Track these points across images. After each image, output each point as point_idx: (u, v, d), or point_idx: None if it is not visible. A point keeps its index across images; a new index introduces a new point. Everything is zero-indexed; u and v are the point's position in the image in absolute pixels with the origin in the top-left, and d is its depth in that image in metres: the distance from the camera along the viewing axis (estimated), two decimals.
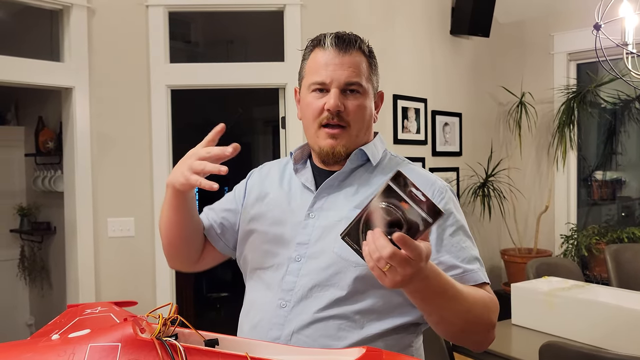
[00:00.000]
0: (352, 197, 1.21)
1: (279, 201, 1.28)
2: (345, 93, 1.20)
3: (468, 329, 1.10)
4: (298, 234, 1.20)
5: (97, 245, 3.02)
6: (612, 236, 3.98)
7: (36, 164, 4.23)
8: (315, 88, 1.21)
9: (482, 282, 1.15)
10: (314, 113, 1.21)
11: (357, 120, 1.21)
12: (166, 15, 3.16)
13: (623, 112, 4.31)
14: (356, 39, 1.23)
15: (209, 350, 0.75)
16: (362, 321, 1.13)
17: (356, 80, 1.20)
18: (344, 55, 1.20)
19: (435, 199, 1.18)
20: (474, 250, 1.20)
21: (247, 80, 3.27)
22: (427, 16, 4.05)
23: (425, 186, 1.20)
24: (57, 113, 3.58)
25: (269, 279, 1.22)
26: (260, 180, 1.39)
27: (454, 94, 4.31)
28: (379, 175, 1.24)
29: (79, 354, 0.73)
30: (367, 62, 1.24)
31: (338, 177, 1.24)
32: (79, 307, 1.05)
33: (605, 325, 2.22)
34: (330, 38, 1.21)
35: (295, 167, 1.31)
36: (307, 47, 1.27)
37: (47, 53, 3.39)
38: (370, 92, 1.24)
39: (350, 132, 1.21)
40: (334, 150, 1.21)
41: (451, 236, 1.17)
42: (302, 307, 1.14)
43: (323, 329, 1.12)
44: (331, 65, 1.19)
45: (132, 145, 3.10)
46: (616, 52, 2.63)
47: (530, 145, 4.53)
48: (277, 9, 3.28)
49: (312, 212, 1.22)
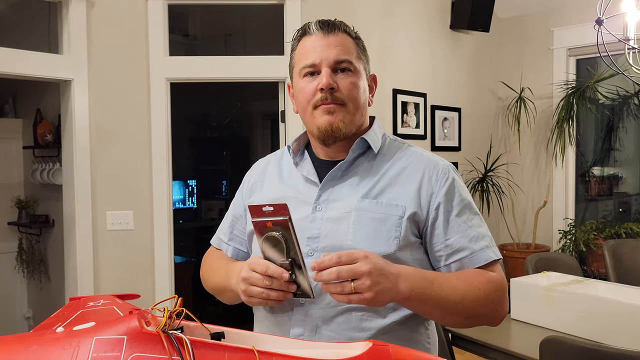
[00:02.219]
0: (356, 187, 1.20)
1: (283, 196, 1.26)
2: (337, 72, 1.19)
3: (469, 313, 1.14)
4: (306, 228, 1.18)
5: (96, 239, 3.02)
6: (609, 232, 3.99)
7: (34, 157, 4.21)
8: (306, 72, 1.20)
9: (491, 260, 1.17)
10: (307, 96, 1.20)
11: (352, 98, 1.19)
12: (165, 8, 3.14)
13: (622, 108, 4.31)
14: (340, 22, 1.23)
15: (215, 344, 0.74)
16: (383, 311, 1.13)
17: (345, 57, 1.19)
18: (329, 35, 1.20)
19: (438, 180, 1.19)
20: (482, 227, 1.21)
21: (247, 73, 3.26)
22: (427, 11, 4.04)
23: (427, 167, 1.21)
24: (56, 105, 3.56)
25: None
26: (259, 178, 1.37)
27: (453, 89, 4.30)
28: (381, 163, 1.24)
29: (85, 346, 0.72)
30: (354, 42, 1.24)
31: (341, 167, 1.23)
32: (82, 299, 1.05)
33: (604, 320, 2.23)
34: (314, 23, 1.22)
35: (294, 160, 1.29)
36: (293, 39, 1.27)
37: (45, 45, 3.37)
38: (362, 71, 1.23)
39: (347, 109, 1.19)
40: (332, 126, 1.18)
41: (457, 216, 1.18)
42: (320, 302, 1.13)
43: (346, 322, 1.12)
44: (318, 47, 1.19)
45: (131, 138, 3.09)
46: (617, 48, 2.62)
47: (529, 140, 4.53)
48: (278, 2, 3.27)
49: (319, 204, 1.21)
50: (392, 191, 1.19)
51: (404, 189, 1.19)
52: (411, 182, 1.20)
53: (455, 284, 1.11)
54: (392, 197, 1.18)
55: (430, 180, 1.19)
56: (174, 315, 0.81)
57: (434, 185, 1.19)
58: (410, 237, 1.16)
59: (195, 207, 5.95)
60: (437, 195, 1.18)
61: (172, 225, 3.18)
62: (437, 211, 1.18)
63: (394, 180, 1.20)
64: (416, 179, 1.20)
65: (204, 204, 6.01)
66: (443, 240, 1.17)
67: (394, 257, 1.13)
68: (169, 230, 3.14)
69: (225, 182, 6.21)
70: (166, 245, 3.12)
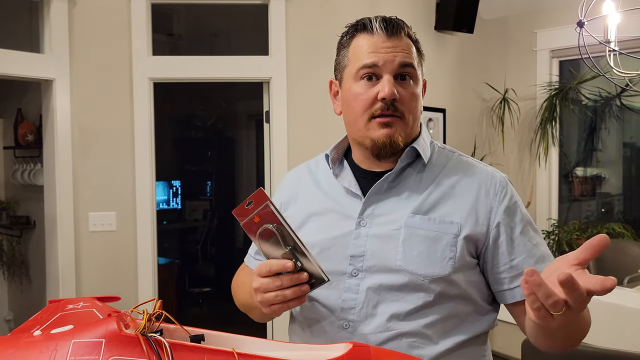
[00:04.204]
0: (405, 201, 1.10)
1: (320, 211, 1.17)
2: (397, 80, 1.09)
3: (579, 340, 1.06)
4: (350, 245, 1.09)
5: (78, 240, 2.99)
6: (592, 232, 4.03)
7: (15, 157, 4.16)
8: (364, 74, 1.09)
9: None
10: (364, 104, 1.09)
11: (411, 110, 1.10)
12: (149, 7, 3.12)
13: (604, 109, 4.36)
14: (402, 22, 1.13)
15: (195, 346, 0.74)
16: (434, 337, 1.05)
17: (410, 61, 1.09)
18: (394, 38, 1.09)
19: (497, 194, 1.10)
20: (544, 245, 1.12)
21: (231, 73, 3.25)
22: (412, 11, 4.06)
23: (484, 180, 1.12)
24: (37, 105, 3.52)
25: (324, 299, 1.10)
26: (293, 192, 1.26)
27: (438, 90, 4.32)
28: (431, 174, 1.13)
29: (62, 350, 0.71)
30: (415, 47, 1.14)
31: (387, 179, 1.12)
32: (61, 302, 1.04)
33: None
34: (377, 21, 1.10)
35: (334, 171, 1.18)
36: (345, 35, 1.16)
37: (27, 44, 3.33)
38: (420, 79, 1.14)
39: (406, 122, 1.10)
40: (392, 139, 1.08)
41: (522, 234, 1.09)
42: (367, 327, 1.05)
43: (396, 349, 1.03)
44: (382, 48, 1.08)
45: (113, 138, 3.06)
46: (598, 50, 2.65)
47: (513, 141, 4.57)
48: (262, 2, 3.26)
49: (363, 219, 1.10)
50: (445, 206, 1.09)
51: (459, 204, 1.09)
52: (466, 196, 1.10)
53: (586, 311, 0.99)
54: (446, 212, 1.08)
55: (488, 195, 1.10)
56: (154, 318, 0.80)
57: (492, 200, 1.09)
58: (467, 258, 1.07)
59: (180, 208, 5.92)
60: (497, 211, 1.08)
61: (155, 227, 3.16)
62: (498, 229, 1.08)
63: (448, 194, 1.10)
64: (472, 192, 1.10)
65: (189, 204, 5.99)
66: (508, 261, 1.07)
67: (449, 279, 1.05)
68: (152, 232, 3.12)
69: (210, 182, 6.18)
70: (149, 247, 3.10)
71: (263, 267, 0.95)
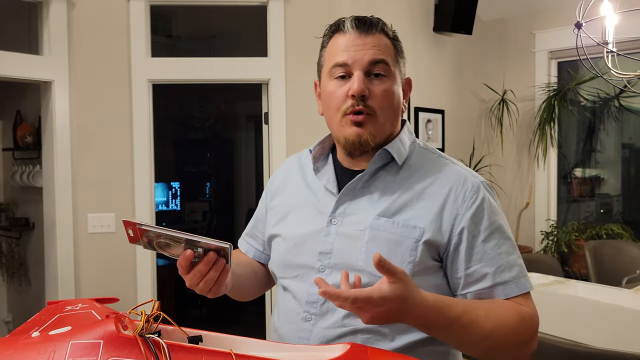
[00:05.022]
0: (377, 203, 1.11)
1: (300, 205, 1.20)
2: (370, 77, 1.09)
3: (492, 351, 1.04)
4: (320, 242, 1.12)
5: (77, 242, 2.99)
6: (591, 232, 4.03)
7: (14, 159, 4.16)
8: (337, 74, 1.11)
9: (514, 295, 1.06)
10: (336, 101, 1.11)
11: (384, 106, 1.10)
12: (148, 8, 3.12)
13: (602, 110, 4.37)
14: (378, 20, 1.15)
15: (192, 347, 0.74)
16: (391, 334, 1.06)
17: (381, 57, 1.10)
18: (366, 35, 1.11)
19: (466, 200, 1.09)
20: (513, 254, 1.10)
21: (230, 75, 3.25)
22: (410, 13, 4.06)
23: (455, 185, 1.11)
24: (36, 107, 3.52)
25: (294, 290, 1.15)
26: (282, 180, 1.30)
27: (436, 91, 4.32)
28: (405, 176, 1.13)
29: (60, 351, 0.71)
30: (392, 44, 1.15)
31: (361, 179, 1.13)
32: (59, 303, 1.04)
33: (585, 321, 2.25)
34: (350, 20, 1.13)
35: (315, 166, 1.21)
36: (325, 35, 1.18)
37: (26, 46, 3.33)
38: (397, 76, 1.14)
39: (378, 120, 1.10)
40: (361, 139, 1.09)
41: (484, 242, 1.07)
42: (326, 321, 1.08)
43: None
44: (353, 46, 1.10)
45: (112, 140, 3.06)
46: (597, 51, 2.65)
47: (512, 142, 4.57)
48: (261, 3, 3.26)
49: (335, 217, 1.13)
50: (412, 209, 1.09)
51: (425, 209, 1.09)
52: (434, 200, 1.09)
53: (482, 322, 0.99)
54: (411, 216, 1.08)
55: (457, 201, 1.09)
56: (152, 319, 0.80)
57: (460, 206, 1.08)
58: (428, 262, 1.08)
59: (179, 209, 5.91)
60: (463, 218, 1.08)
61: None
62: (460, 236, 1.07)
63: (417, 197, 1.10)
64: (440, 197, 1.09)
65: (188, 206, 5.99)
66: (464, 269, 1.07)
67: None
68: None
69: (209, 184, 6.19)
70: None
71: (179, 267, 1.00)
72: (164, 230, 0.96)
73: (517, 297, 1.07)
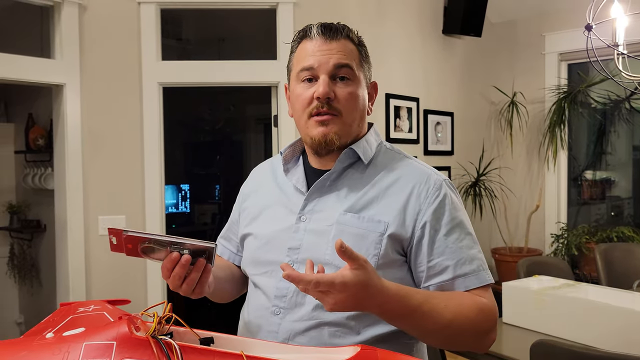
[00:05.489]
0: (343, 199, 1.16)
1: (271, 204, 1.25)
2: (335, 80, 1.15)
3: (453, 340, 1.08)
4: (289, 238, 1.17)
5: (88, 244, 3.01)
6: (601, 235, 4.01)
7: (26, 161, 4.20)
8: (304, 77, 1.16)
9: (475, 287, 1.10)
10: (303, 103, 1.16)
11: (349, 108, 1.16)
12: (158, 12, 3.14)
13: (613, 113, 4.34)
14: (344, 26, 1.19)
15: (204, 349, 0.75)
16: (357, 327, 1.09)
17: (346, 62, 1.15)
18: (331, 41, 1.16)
19: (428, 197, 1.14)
20: (473, 248, 1.14)
21: (239, 78, 3.27)
22: (420, 15, 4.06)
23: (418, 182, 1.16)
24: (48, 110, 3.55)
25: (264, 285, 1.19)
26: (254, 183, 1.37)
27: (446, 94, 4.32)
28: (371, 174, 1.19)
29: (74, 352, 0.72)
30: (357, 49, 1.19)
31: (329, 177, 1.19)
32: (72, 305, 1.05)
33: (595, 324, 2.24)
34: (316, 27, 1.17)
35: (285, 167, 1.27)
36: (293, 41, 1.23)
37: (37, 50, 3.36)
38: (362, 80, 1.19)
39: (343, 120, 1.16)
40: (326, 138, 1.15)
41: (445, 236, 1.12)
42: (294, 314, 1.12)
43: (317, 337, 1.09)
44: (318, 51, 1.15)
45: (123, 142, 3.08)
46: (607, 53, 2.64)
47: (522, 144, 4.56)
48: (270, 6, 3.28)
49: (303, 215, 1.18)
50: (378, 205, 1.14)
51: (389, 204, 1.14)
52: (398, 196, 1.15)
53: (442, 311, 1.03)
54: (376, 212, 1.13)
55: (419, 197, 1.14)
56: (164, 321, 0.81)
57: (423, 202, 1.13)
58: (392, 255, 1.12)
59: (189, 212, 5.93)
60: (425, 213, 1.13)
61: (164, 230, 3.18)
62: (422, 230, 1.12)
63: (382, 194, 1.16)
64: (404, 193, 1.15)
65: (197, 208, 6.00)
66: (426, 261, 1.11)
67: None
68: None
69: (218, 186, 6.20)
70: None
71: (163, 271, 1.04)
72: (149, 235, 0.99)
73: (477, 289, 1.11)
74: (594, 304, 2.33)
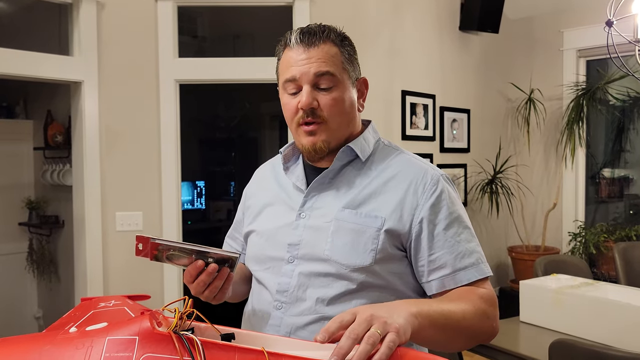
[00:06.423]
0: (342, 196, 1.18)
1: (273, 202, 1.28)
2: (319, 89, 1.16)
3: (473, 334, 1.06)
4: (289, 234, 1.19)
5: (105, 239, 3.03)
6: (620, 234, 3.97)
7: (45, 158, 4.24)
8: (289, 90, 1.19)
9: (475, 280, 1.11)
10: (289, 113, 1.19)
11: (334, 114, 1.17)
12: (175, 9, 3.16)
13: (632, 110, 4.29)
14: (323, 29, 1.18)
15: (225, 345, 0.75)
16: None
17: (326, 69, 1.15)
18: (310, 49, 1.16)
19: (425, 191, 1.15)
20: (471, 242, 1.15)
21: (255, 75, 3.27)
22: (436, 12, 4.04)
23: (415, 177, 1.17)
24: (66, 107, 3.59)
25: (266, 281, 1.22)
26: (257, 183, 1.40)
27: (462, 90, 4.29)
28: (369, 171, 1.21)
29: (97, 346, 0.73)
30: (339, 51, 1.18)
31: (328, 175, 1.21)
32: (93, 300, 1.06)
33: (614, 323, 2.22)
34: (295, 35, 1.18)
35: (285, 166, 1.29)
36: (278, 48, 1.24)
37: (56, 47, 3.39)
38: (346, 81, 1.19)
39: (329, 127, 1.17)
40: (315, 146, 1.17)
41: (444, 230, 1.13)
42: (296, 309, 1.14)
43: (318, 331, 1.06)
44: (299, 61, 1.16)
45: (140, 139, 3.10)
46: (627, 49, 2.61)
47: (539, 142, 4.52)
48: (286, 4, 3.28)
49: (303, 211, 1.20)
50: (375, 201, 1.16)
51: (387, 200, 1.15)
52: (396, 192, 1.16)
53: (450, 304, 1.01)
54: (374, 207, 1.15)
55: (417, 192, 1.15)
56: (185, 316, 0.82)
57: (420, 197, 1.15)
58: (390, 250, 1.13)
59: (204, 208, 5.96)
60: (422, 208, 1.14)
61: (181, 226, 3.20)
62: (420, 225, 1.13)
63: (379, 190, 1.17)
64: (401, 189, 1.16)
65: (213, 204, 6.03)
66: (427, 256, 1.12)
67: (370, 269, 1.11)
68: (177, 231, 3.16)
69: (233, 183, 6.22)
70: None
71: (186, 277, 1.08)
72: (175, 244, 1.02)
73: (477, 281, 1.12)
74: (613, 303, 2.31)
